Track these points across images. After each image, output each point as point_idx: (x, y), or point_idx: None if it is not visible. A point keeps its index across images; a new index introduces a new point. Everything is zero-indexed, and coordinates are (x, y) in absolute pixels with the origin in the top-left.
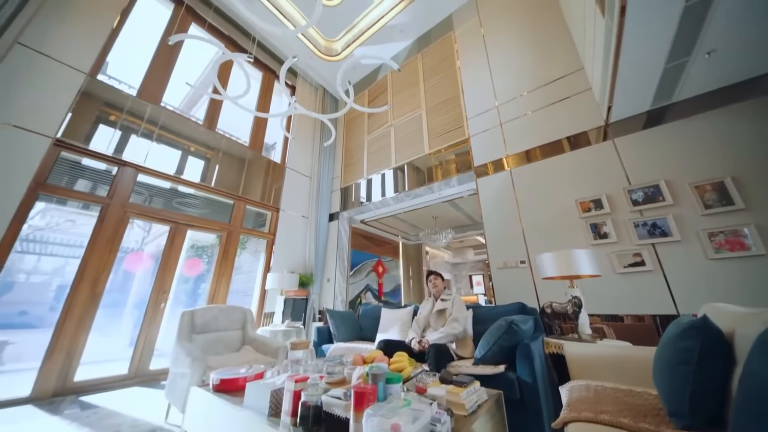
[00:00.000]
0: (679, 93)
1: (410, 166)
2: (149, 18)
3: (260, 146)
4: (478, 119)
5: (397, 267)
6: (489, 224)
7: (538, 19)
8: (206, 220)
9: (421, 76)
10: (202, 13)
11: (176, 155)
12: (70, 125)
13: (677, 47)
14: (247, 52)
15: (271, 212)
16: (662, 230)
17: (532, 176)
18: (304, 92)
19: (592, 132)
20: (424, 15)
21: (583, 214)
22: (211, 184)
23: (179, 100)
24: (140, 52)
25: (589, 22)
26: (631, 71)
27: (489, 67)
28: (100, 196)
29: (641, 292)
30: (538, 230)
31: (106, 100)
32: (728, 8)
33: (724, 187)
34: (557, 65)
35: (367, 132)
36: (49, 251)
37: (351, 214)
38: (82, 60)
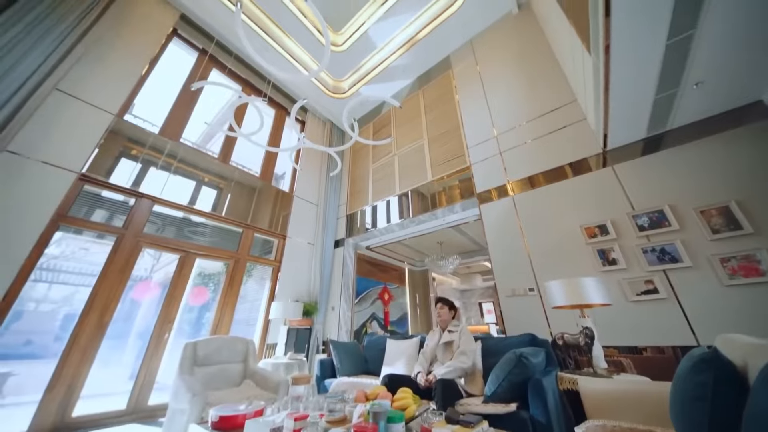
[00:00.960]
0: (672, 121)
1: (414, 192)
2: (174, 64)
3: (270, 177)
4: (478, 148)
5: (403, 294)
6: (494, 250)
7: (530, 56)
8: (215, 249)
9: (422, 110)
10: (223, 60)
11: (191, 186)
12: (94, 161)
13: (665, 80)
14: (262, 94)
15: (278, 239)
16: (672, 256)
17: (535, 202)
18: (313, 126)
19: (591, 159)
20: (423, 57)
21: (589, 239)
22: (222, 213)
23: (197, 135)
24: (164, 95)
25: (577, 59)
26: (622, 103)
27: (486, 100)
28: (116, 226)
29: (657, 321)
30: (545, 256)
31: (130, 136)
32: (710, 44)
33: (729, 212)
34: (552, 97)
35: (372, 161)
36: (60, 279)
37: (356, 240)
38: (112, 102)
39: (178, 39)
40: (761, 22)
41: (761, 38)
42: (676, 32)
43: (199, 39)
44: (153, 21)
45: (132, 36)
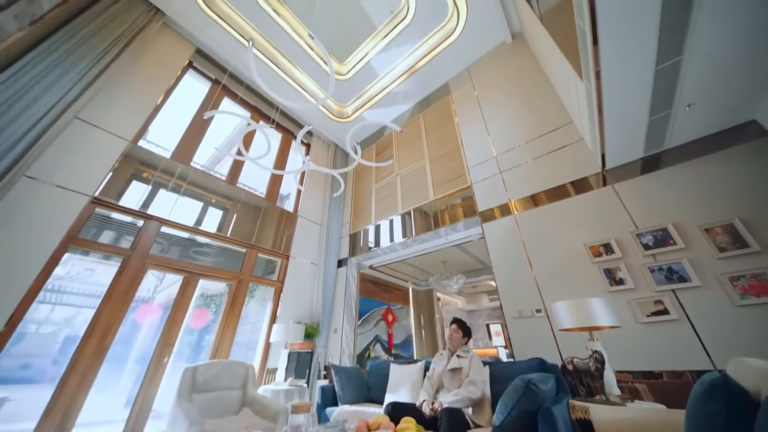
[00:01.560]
0: (669, 141)
1: (417, 211)
2: (189, 93)
3: (275, 197)
4: (479, 168)
5: (407, 315)
6: (499, 269)
7: (526, 81)
8: (218, 270)
9: (423, 132)
10: (234, 89)
11: (198, 206)
12: (107, 184)
13: (657, 103)
14: (270, 119)
15: (281, 259)
16: (680, 275)
17: (537, 221)
18: (318, 148)
19: (591, 178)
20: (423, 83)
21: (594, 258)
22: (227, 234)
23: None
24: (178, 121)
25: (570, 84)
26: (616, 125)
27: (485, 123)
28: (123, 248)
29: (671, 344)
30: (551, 276)
31: (142, 160)
32: (698, 69)
33: (734, 230)
34: (549, 119)
35: (375, 181)
36: (64, 301)
37: (360, 259)
38: (127, 129)
39: (193, 71)
40: (747, 46)
41: (748, 61)
42: (664, 58)
43: (212, 70)
44: (170, 55)
45: (150, 68)
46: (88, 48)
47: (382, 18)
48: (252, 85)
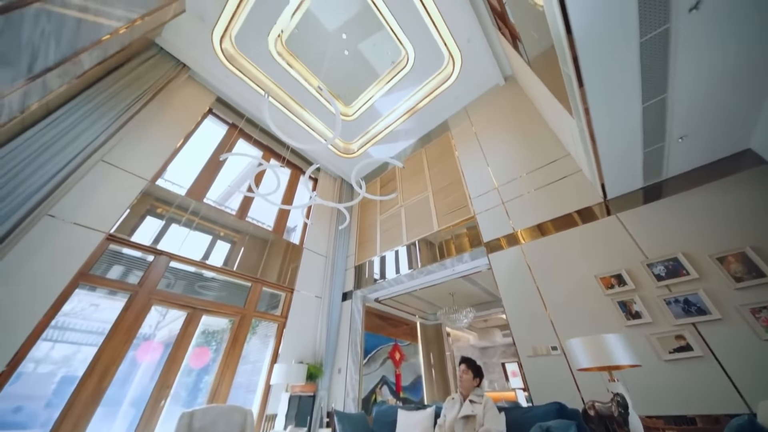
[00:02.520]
0: (667, 171)
1: (422, 241)
2: (207, 135)
3: (282, 230)
4: (481, 199)
5: (416, 353)
6: (509, 302)
7: (521, 118)
8: (222, 305)
9: (425, 165)
10: (249, 132)
11: (207, 240)
12: (123, 221)
13: (649, 136)
14: (281, 158)
15: (286, 293)
16: (698, 307)
17: (544, 251)
18: (325, 182)
19: (595, 207)
20: (424, 121)
21: (607, 291)
22: (234, 267)
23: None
24: (195, 161)
25: (563, 121)
26: (612, 157)
27: (484, 156)
28: (132, 284)
29: (699, 383)
30: (564, 309)
31: (158, 197)
32: (685, 103)
33: (748, 258)
34: (546, 152)
35: (380, 212)
36: (65, 338)
37: (365, 292)
38: (147, 170)
39: (213, 116)
40: (728, 83)
41: (732, 96)
42: (649, 97)
43: (230, 115)
44: (193, 103)
45: (173, 115)
46: (119, 99)
47: (385, 67)
48: (266, 128)
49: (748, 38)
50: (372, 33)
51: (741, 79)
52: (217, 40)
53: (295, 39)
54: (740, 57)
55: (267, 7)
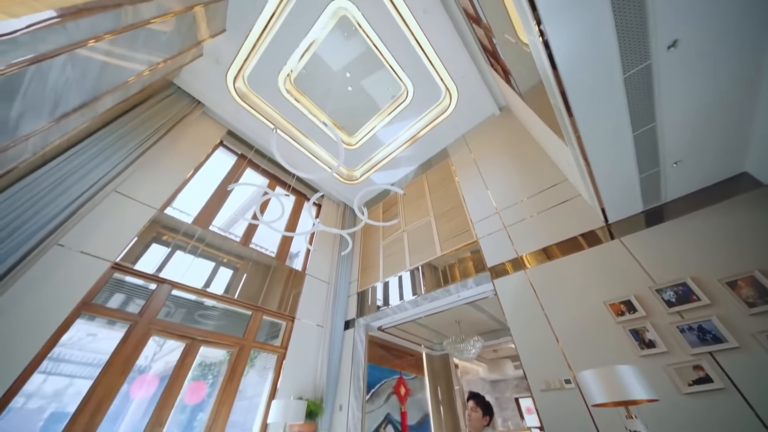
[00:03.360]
0: (666, 195)
1: (426, 266)
2: (216, 165)
3: (285, 256)
4: (483, 223)
5: (422, 387)
6: (517, 331)
7: (518, 145)
8: (221, 335)
9: (427, 190)
10: (257, 161)
11: (210, 266)
12: (129, 249)
13: (643, 162)
14: (287, 185)
15: (286, 322)
16: (713, 335)
17: (549, 276)
18: (328, 208)
19: (598, 231)
20: (424, 149)
21: (617, 318)
22: (235, 295)
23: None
24: (203, 189)
25: (558, 149)
26: (608, 183)
27: (484, 181)
28: (132, 313)
29: (723, 419)
30: (574, 338)
31: (165, 225)
32: (675, 131)
33: (758, 282)
34: (545, 177)
35: (382, 238)
36: (59, 370)
37: (368, 320)
38: (156, 199)
39: (223, 147)
40: (717, 109)
41: (720, 122)
42: (639, 126)
43: (239, 147)
44: (204, 137)
45: (185, 148)
46: (135, 134)
47: (386, 100)
48: (273, 158)
49: (729, 69)
50: (374, 71)
51: (727, 108)
52: (230, 80)
53: (302, 77)
54: (723, 87)
55: (278, 51)
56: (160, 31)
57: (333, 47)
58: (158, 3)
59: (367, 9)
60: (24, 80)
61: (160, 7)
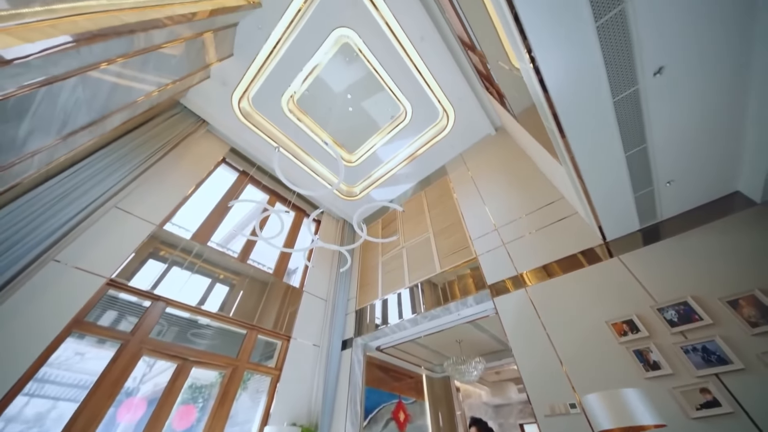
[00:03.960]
0: (661, 214)
1: (425, 283)
2: (217, 181)
3: (283, 273)
4: (482, 240)
5: (422, 412)
6: (519, 351)
7: (514, 164)
8: (214, 355)
9: (425, 207)
10: (258, 178)
11: (206, 283)
12: (126, 265)
13: (637, 181)
14: (287, 201)
15: (282, 341)
16: (718, 356)
17: (551, 295)
18: (328, 224)
19: (597, 248)
20: (422, 166)
21: (620, 338)
22: (231, 312)
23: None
24: (203, 205)
25: (554, 167)
26: (604, 201)
27: (482, 198)
28: (124, 332)
29: None
30: (578, 360)
31: (163, 240)
32: (666, 151)
33: (759, 301)
34: (542, 195)
35: (381, 254)
36: (43, 392)
37: (366, 340)
38: (156, 215)
39: (225, 164)
40: (706, 131)
41: (709, 142)
42: (630, 147)
43: (241, 164)
44: (207, 154)
45: (188, 165)
46: (140, 151)
47: (385, 120)
48: (274, 174)
49: (715, 94)
50: (374, 93)
51: (715, 130)
52: (236, 101)
53: (305, 98)
54: (710, 111)
55: (282, 74)
56: (170, 55)
57: (335, 71)
58: (170, 29)
59: (367, 36)
60: (35, 100)
61: (172, 33)
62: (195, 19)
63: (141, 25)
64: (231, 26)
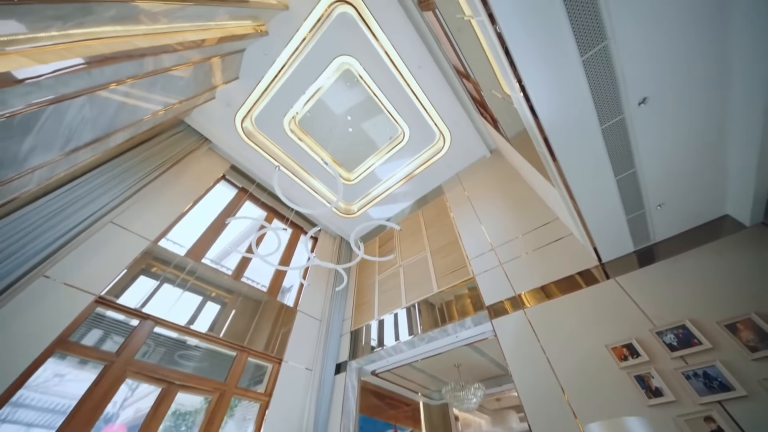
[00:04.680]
0: (654, 236)
1: (422, 303)
2: (215, 198)
3: (277, 291)
4: (479, 260)
5: None
6: (518, 376)
7: (510, 184)
8: (200, 379)
9: (423, 226)
10: (257, 195)
11: (197, 301)
12: (116, 282)
13: (628, 204)
14: (285, 219)
15: (273, 365)
16: (720, 382)
17: (550, 317)
18: (324, 241)
19: (594, 270)
20: (420, 185)
21: (621, 363)
22: (221, 332)
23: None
24: (199, 222)
25: (548, 189)
26: (597, 223)
27: (479, 218)
28: (109, 352)
29: None
30: (579, 385)
31: (156, 256)
32: (654, 178)
33: (756, 326)
34: (537, 216)
35: (378, 272)
36: (15, 418)
37: (361, 363)
38: (152, 231)
39: (225, 181)
40: (692, 156)
41: (695, 168)
42: (620, 171)
43: (241, 181)
44: (208, 171)
45: (188, 181)
46: (140, 168)
47: (384, 141)
48: (273, 192)
49: (698, 123)
50: (373, 116)
51: (700, 155)
52: (239, 121)
53: (306, 119)
54: (694, 138)
55: (285, 96)
56: (178, 77)
57: (336, 94)
58: (180, 54)
59: (368, 64)
60: (41, 117)
61: (181, 57)
62: (204, 45)
63: (152, 50)
64: (238, 52)
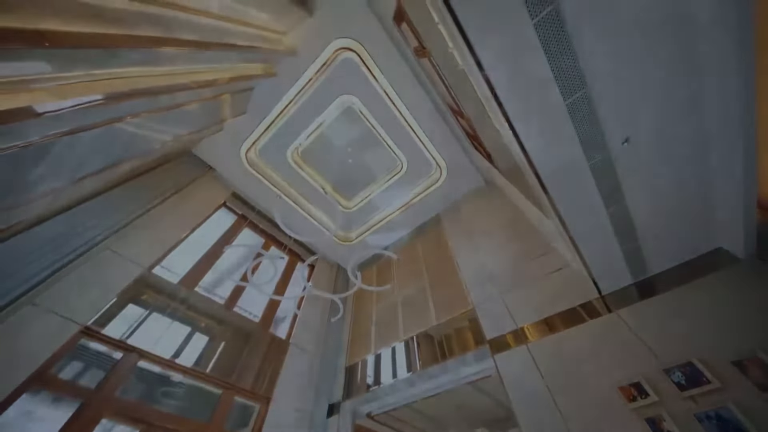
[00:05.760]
0: (651, 268)
1: (422, 336)
2: (214, 225)
3: (270, 322)
4: (478, 290)
5: None
6: (524, 419)
7: (507, 214)
8: (183, 420)
9: (421, 255)
10: (257, 222)
11: (186, 331)
12: (105, 311)
13: (622, 236)
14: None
15: (260, 405)
16: (735, 426)
17: (554, 352)
18: (321, 269)
19: (595, 302)
20: (417, 214)
21: (630, 404)
22: (207, 368)
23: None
24: (195, 249)
25: (543, 220)
26: (594, 255)
27: (477, 248)
28: (88, 388)
29: None
30: (588, 429)
31: (149, 284)
32: (645, 211)
33: (764, 363)
34: (536, 246)
35: (376, 302)
36: None
37: (355, 404)
38: (147, 258)
39: (225, 208)
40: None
41: (684, 200)
42: (610, 204)
43: (242, 208)
44: (209, 198)
45: (188, 209)
46: (144, 195)
47: (382, 171)
48: (272, 219)
49: (686, 157)
50: (373, 148)
51: (686, 189)
52: (244, 151)
53: (309, 150)
54: (678, 173)
55: (290, 130)
56: (189, 111)
57: (338, 128)
58: (193, 91)
59: (368, 102)
60: (54, 147)
61: (194, 94)
62: (216, 84)
63: (169, 88)
64: (247, 90)
